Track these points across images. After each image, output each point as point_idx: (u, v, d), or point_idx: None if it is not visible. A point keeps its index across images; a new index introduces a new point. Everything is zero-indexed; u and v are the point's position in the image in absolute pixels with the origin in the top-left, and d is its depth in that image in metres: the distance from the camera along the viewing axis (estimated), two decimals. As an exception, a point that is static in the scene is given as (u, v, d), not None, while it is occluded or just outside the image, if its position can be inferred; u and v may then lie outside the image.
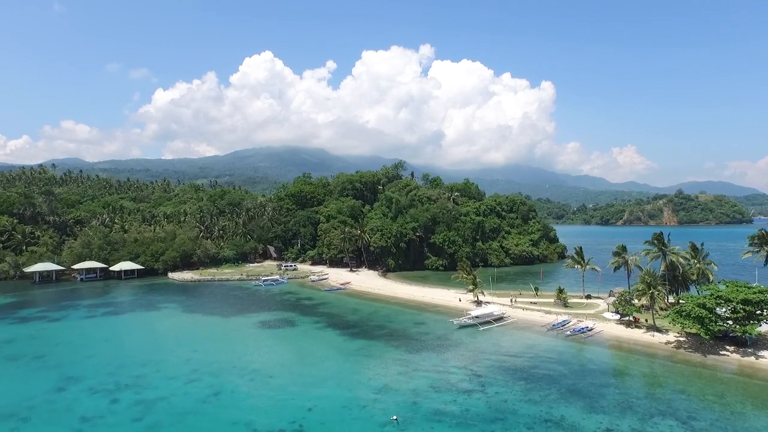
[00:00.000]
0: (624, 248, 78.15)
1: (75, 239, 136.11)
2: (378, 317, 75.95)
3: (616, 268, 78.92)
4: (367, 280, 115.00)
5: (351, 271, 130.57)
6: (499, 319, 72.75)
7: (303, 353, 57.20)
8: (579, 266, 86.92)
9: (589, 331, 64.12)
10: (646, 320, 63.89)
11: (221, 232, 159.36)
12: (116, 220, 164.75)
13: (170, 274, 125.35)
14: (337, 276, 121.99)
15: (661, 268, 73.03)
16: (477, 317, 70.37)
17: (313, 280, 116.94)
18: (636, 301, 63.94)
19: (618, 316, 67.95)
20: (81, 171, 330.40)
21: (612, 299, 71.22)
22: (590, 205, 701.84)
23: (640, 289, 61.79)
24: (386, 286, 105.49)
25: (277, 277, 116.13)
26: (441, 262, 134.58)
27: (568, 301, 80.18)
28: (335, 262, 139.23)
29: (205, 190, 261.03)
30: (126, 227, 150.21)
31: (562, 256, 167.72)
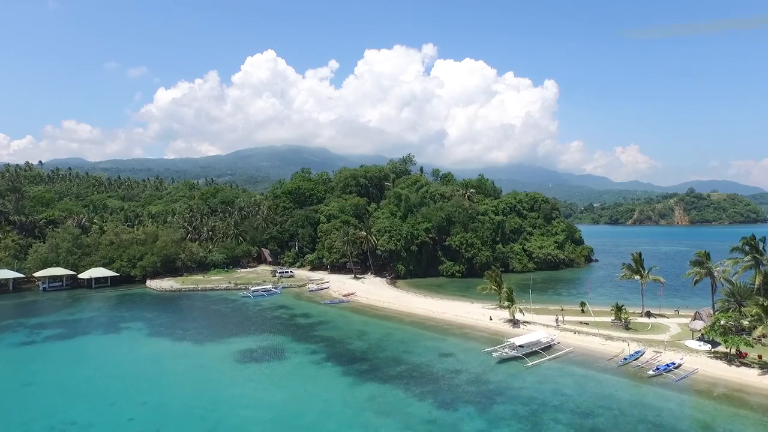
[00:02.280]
0: (707, 256, 61.72)
1: (44, 242, 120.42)
2: (391, 344, 59.74)
3: (697, 282, 62.55)
4: (374, 290, 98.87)
5: (355, 278, 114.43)
6: (548, 347, 56.56)
7: (292, 408, 40.93)
8: (637, 277, 70.50)
9: (676, 368, 47.81)
10: (760, 357, 47.44)
11: (210, 233, 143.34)
12: (95, 221, 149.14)
13: (149, 282, 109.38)
14: (339, 284, 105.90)
15: (756, 282, 56.81)
16: (521, 347, 54.12)
17: (312, 290, 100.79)
18: (740, 322, 47.55)
19: (708, 347, 51.68)
20: (70, 168, 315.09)
21: (700, 323, 54.80)
22: (597, 204, 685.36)
23: (754, 314, 45.40)
24: (397, 298, 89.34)
25: (269, 286, 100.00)
26: (458, 268, 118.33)
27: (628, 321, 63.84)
28: (337, 268, 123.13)
29: (200, 188, 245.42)
30: (105, 228, 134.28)
31: (588, 259, 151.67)
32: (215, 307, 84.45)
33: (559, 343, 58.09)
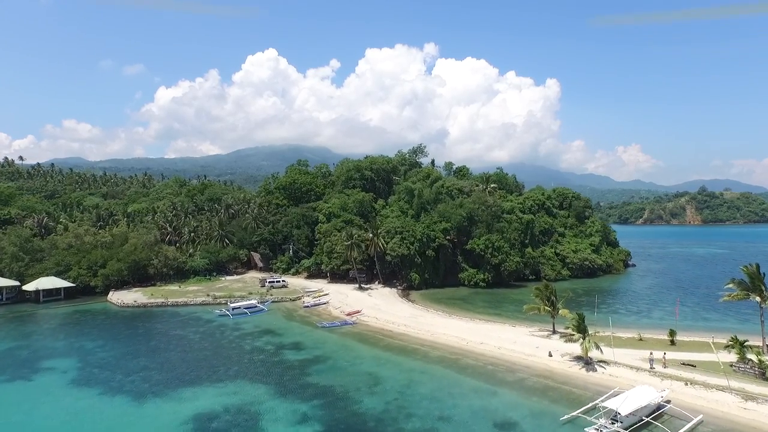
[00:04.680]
0: None
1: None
2: (419, 403, 40.45)
3: None
4: (384, 306, 79.78)
5: (360, 288, 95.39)
6: (658, 414, 37.37)
7: None
8: (756, 297, 51.05)
9: None
10: None
11: (193, 234, 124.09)
12: (62, 220, 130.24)
13: (111, 295, 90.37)
14: (340, 297, 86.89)
15: None
16: (626, 416, 34.84)
17: (307, 306, 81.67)
18: None
19: None
20: (53, 164, 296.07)
21: None
22: (603, 203, 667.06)
23: None
24: (416, 319, 70.12)
25: (254, 301, 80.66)
26: (482, 276, 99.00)
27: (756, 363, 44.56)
28: (338, 276, 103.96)
29: (192, 185, 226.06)
30: (70, 229, 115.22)
31: (625, 264, 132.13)
32: (181, 332, 65.22)
33: (669, 403, 38.80)
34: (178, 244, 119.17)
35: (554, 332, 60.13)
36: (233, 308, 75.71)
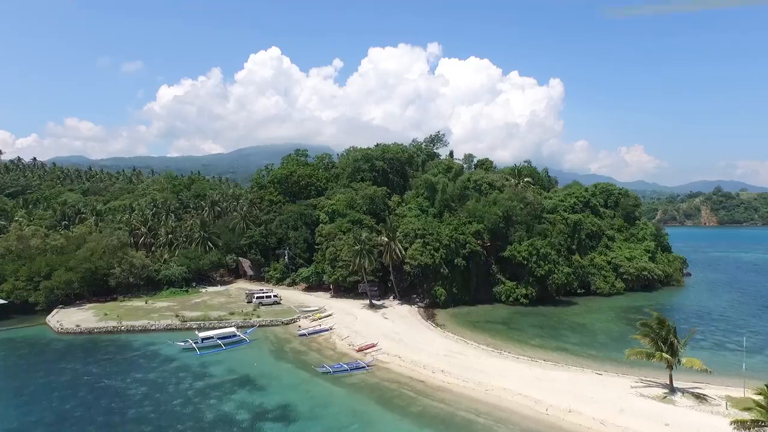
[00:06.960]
0: None
1: None
2: None
3: None
4: (407, 335, 59.66)
5: (371, 306, 75.20)
6: None
7: None
8: None
9: None
10: None
11: (171, 236, 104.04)
12: (17, 218, 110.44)
13: (54, 314, 70.61)
14: (347, 320, 66.91)
15: None
16: None
17: (303, 334, 61.45)
18: None
19: None
20: (35, 159, 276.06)
21: None
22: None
23: None
24: (454, 358, 49.95)
25: (233, 328, 60.24)
26: (524, 291, 78.70)
27: None
28: (345, 289, 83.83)
29: (178, 180, 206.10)
30: (12, 229, 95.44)
31: (681, 272, 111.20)
32: (120, 381, 44.96)
33: None
34: (153, 248, 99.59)
35: (673, 390, 40.04)
36: (203, 339, 55.63)
